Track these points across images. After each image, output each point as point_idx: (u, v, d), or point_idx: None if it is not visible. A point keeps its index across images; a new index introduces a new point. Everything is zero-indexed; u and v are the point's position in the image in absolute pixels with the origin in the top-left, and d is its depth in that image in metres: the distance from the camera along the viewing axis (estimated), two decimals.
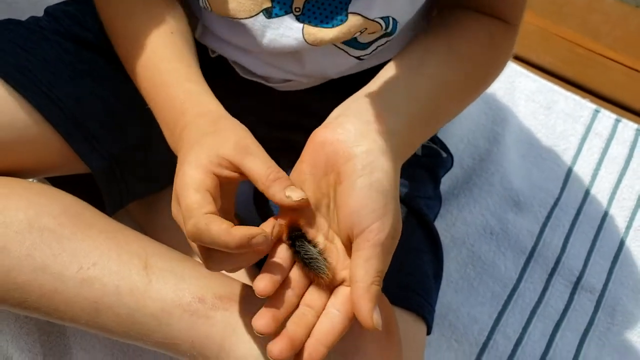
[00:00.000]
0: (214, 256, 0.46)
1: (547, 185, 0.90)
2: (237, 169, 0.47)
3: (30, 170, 0.62)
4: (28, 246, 0.54)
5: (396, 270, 0.56)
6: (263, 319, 0.44)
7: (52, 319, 0.57)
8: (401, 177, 0.52)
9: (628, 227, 0.88)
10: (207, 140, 0.48)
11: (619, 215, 0.89)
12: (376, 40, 0.60)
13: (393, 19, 0.57)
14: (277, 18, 0.57)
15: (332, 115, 0.51)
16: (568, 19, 1.14)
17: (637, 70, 1.04)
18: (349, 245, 0.47)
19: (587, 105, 0.98)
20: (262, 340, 0.52)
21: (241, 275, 0.65)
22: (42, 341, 0.68)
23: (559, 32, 1.08)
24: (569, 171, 0.92)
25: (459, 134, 0.91)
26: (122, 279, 0.54)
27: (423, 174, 0.72)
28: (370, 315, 0.44)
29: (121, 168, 0.65)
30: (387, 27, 0.57)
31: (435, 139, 0.77)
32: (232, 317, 0.53)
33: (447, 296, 0.80)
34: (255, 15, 0.57)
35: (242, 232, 0.43)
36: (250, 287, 0.50)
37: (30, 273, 0.54)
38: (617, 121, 0.97)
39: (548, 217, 0.87)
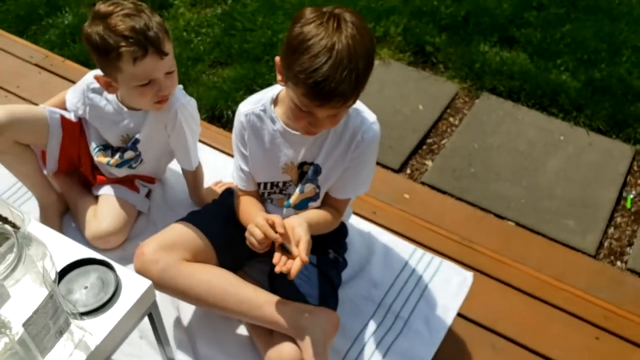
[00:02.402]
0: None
1: (388, 278, 2.01)
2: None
3: (202, 262, 1.73)
4: (214, 290, 1.66)
5: (323, 304, 1.70)
6: (277, 267, 1.42)
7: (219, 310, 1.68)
8: (321, 267, 1.71)
9: (422, 294, 1.99)
10: None
11: (419, 288, 2.00)
12: None
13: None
14: (289, 208, 1.76)
15: (289, 219, 1.52)
16: (427, 208, 2.30)
17: (436, 232, 2.23)
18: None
19: (408, 246, 2.13)
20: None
21: None
22: None
23: (406, 216, 2.28)
24: (399, 273, 2.03)
25: (351, 255, 2.04)
26: (251, 294, 1.65)
27: (332, 267, 1.86)
28: (304, 258, 1.40)
29: (233, 266, 1.79)
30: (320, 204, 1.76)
31: (340, 253, 1.92)
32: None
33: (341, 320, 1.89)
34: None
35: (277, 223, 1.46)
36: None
37: (215, 296, 1.65)
38: (423, 254, 2.12)
39: (388, 290, 1.98)
